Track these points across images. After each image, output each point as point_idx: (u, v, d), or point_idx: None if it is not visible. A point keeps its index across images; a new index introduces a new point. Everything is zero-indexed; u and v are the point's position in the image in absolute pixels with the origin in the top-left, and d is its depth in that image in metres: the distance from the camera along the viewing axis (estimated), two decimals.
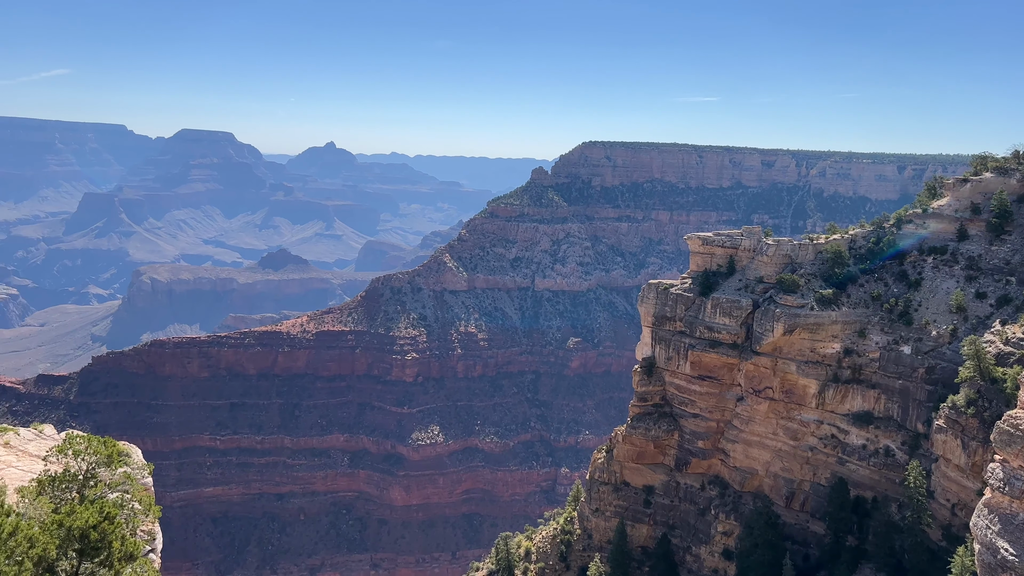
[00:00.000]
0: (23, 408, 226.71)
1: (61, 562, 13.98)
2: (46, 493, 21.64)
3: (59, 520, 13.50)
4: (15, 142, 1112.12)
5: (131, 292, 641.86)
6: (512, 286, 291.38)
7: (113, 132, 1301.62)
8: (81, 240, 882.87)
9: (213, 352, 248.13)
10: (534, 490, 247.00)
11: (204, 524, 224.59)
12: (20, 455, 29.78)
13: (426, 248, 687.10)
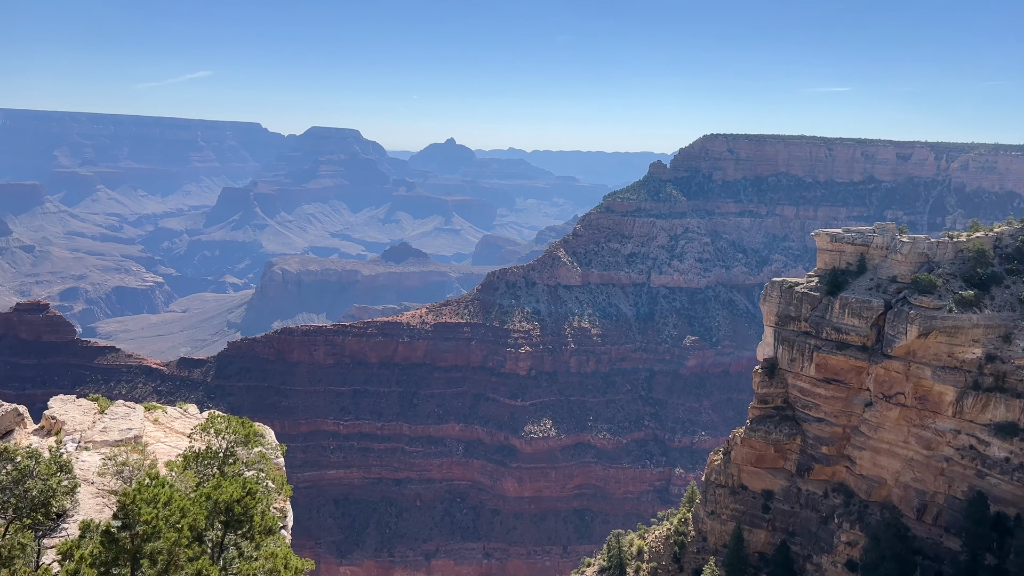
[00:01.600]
0: (166, 388, 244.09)
1: (208, 532, 15.11)
2: (191, 468, 23.41)
3: (207, 493, 14.64)
4: (163, 140, 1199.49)
5: (264, 282, 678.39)
6: (627, 282, 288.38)
7: (249, 130, 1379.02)
8: (219, 232, 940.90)
9: (338, 340, 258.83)
10: (647, 489, 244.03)
11: (327, 505, 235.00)
12: (168, 432, 32.26)
13: (541, 243, 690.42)
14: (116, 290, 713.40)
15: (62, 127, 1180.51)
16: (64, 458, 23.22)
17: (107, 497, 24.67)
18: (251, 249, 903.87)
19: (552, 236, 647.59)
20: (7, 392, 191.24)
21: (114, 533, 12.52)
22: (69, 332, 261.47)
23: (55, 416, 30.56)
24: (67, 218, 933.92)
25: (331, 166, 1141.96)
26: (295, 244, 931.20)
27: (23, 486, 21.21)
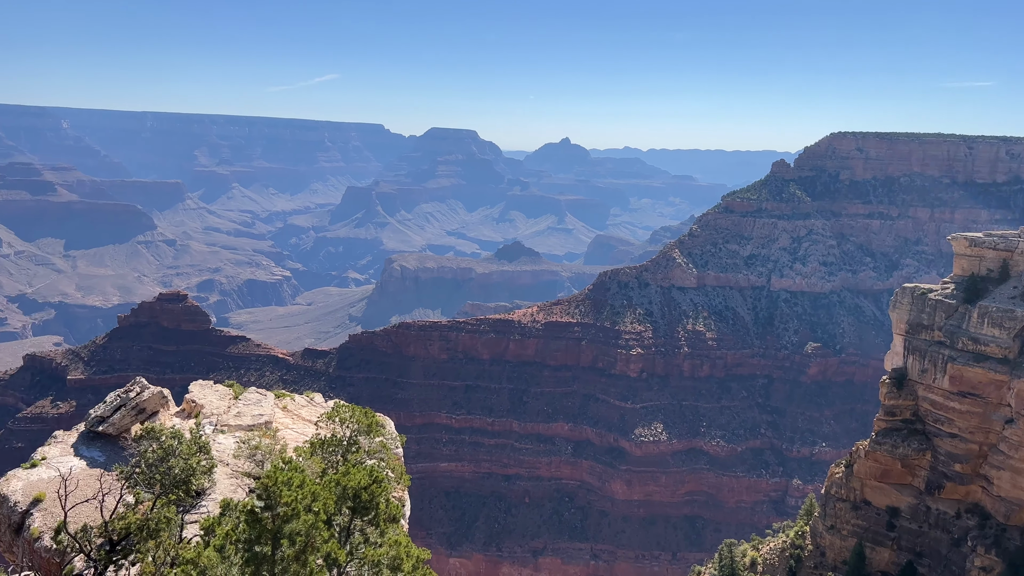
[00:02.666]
0: (291, 377, 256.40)
1: (336, 517, 15.91)
2: (317, 454, 24.65)
3: (336, 479, 15.42)
4: (293, 141, 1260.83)
5: (383, 278, 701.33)
6: (745, 285, 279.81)
7: (372, 131, 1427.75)
8: (343, 229, 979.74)
9: (452, 336, 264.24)
10: (762, 499, 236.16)
11: (438, 497, 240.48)
12: (295, 419, 34.01)
13: (655, 243, 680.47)
14: (247, 283, 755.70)
15: (202, 129, 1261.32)
16: (203, 440, 24.88)
17: (240, 478, 26.31)
18: (372, 246, 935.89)
19: (667, 236, 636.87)
20: (150, 375, 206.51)
21: (258, 513, 13.42)
22: (205, 321, 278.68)
23: (195, 400, 32.78)
24: (205, 214, 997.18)
25: (449, 166, 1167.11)
26: (413, 242, 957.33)
27: (167, 464, 22.93)
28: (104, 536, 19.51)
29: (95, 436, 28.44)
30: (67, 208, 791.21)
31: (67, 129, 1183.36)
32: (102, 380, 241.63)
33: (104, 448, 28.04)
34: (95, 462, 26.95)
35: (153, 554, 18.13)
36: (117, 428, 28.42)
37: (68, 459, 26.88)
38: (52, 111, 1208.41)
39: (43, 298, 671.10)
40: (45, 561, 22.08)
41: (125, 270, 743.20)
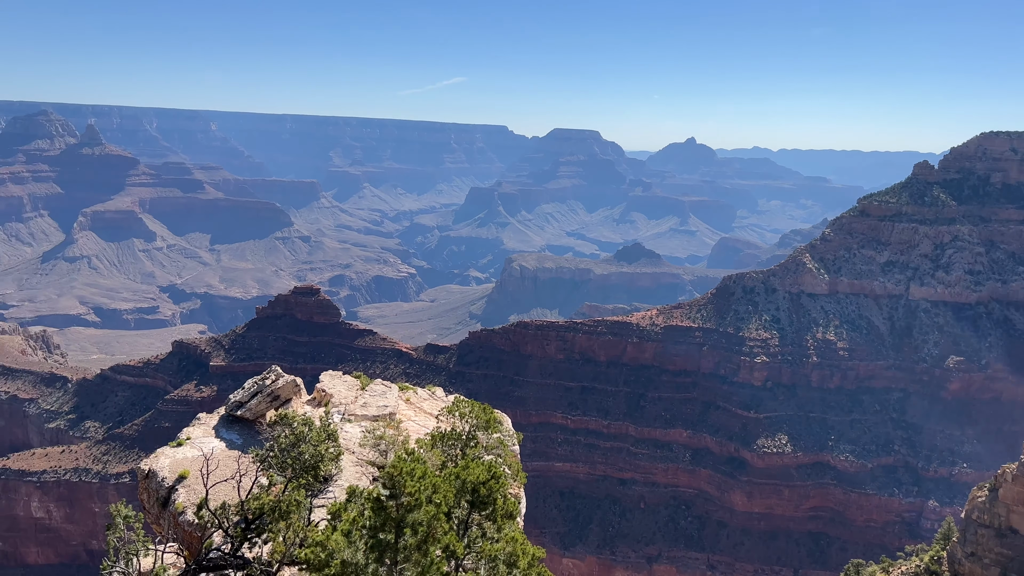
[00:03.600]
0: (414, 371, 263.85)
1: (456, 510, 16.24)
2: (438, 447, 25.24)
3: (456, 472, 15.77)
4: (421, 143, 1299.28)
5: (503, 277, 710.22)
6: (881, 293, 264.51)
7: (496, 132, 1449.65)
8: (466, 229, 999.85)
9: (569, 337, 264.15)
10: (893, 520, 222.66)
11: (552, 496, 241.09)
12: (417, 411, 34.95)
13: (784, 247, 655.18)
14: (375, 279, 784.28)
15: (337, 131, 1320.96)
16: (331, 428, 25.96)
17: (365, 467, 27.30)
18: (493, 245, 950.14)
19: (796, 240, 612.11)
20: (283, 364, 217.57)
21: (383, 501, 13.91)
22: (335, 315, 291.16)
23: (325, 389, 34.26)
24: (338, 212, 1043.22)
25: (570, 167, 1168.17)
26: (533, 242, 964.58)
27: (298, 449, 24.08)
28: (240, 514, 20.73)
29: (234, 420, 30.28)
30: (213, 205, 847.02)
31: (215, 131, 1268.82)
32: (241, 367, 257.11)
33: (241, 431, 29.82)
34: (233, 444, 28.70)
35: (283, 535, 19.10)
36: (253, 413, 30.15)
37: (210, 440, 28.75)
38: (202, 114, 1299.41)
39: (190, 289, 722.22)
40: (187, 534, 23.71)
41: (264, 264, 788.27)
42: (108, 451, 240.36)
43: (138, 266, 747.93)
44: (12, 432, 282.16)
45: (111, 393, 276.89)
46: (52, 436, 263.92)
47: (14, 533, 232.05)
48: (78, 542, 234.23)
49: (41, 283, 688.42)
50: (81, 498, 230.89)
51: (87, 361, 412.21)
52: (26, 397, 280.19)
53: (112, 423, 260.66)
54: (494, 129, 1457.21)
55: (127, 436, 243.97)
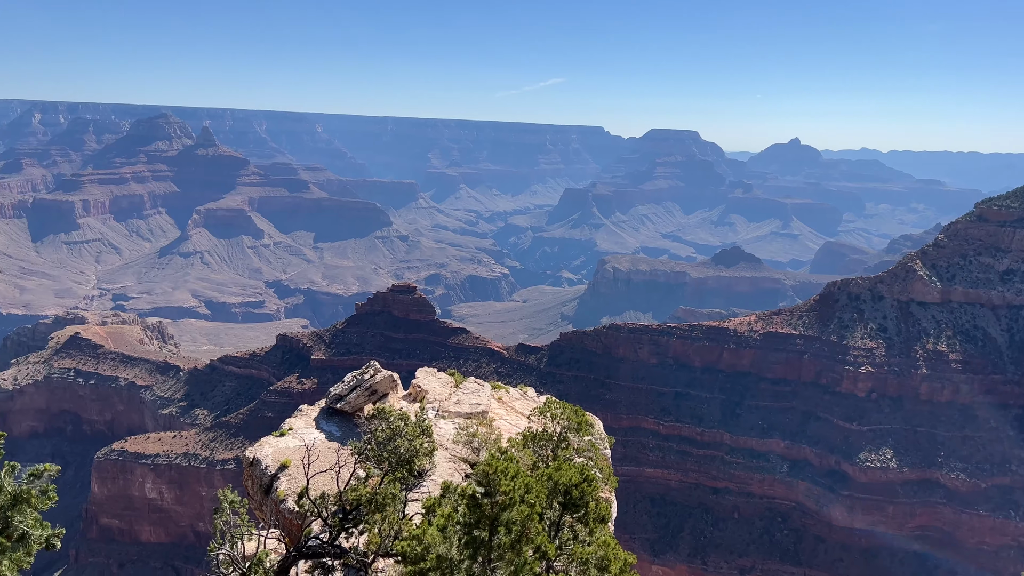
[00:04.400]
0: (505, 370, 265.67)
1: (547, 511, 16.24)
2: (529, 447, 25.33)
3: (548, 473, 15.77)
4: (516, 144, 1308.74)
5: (596, 279, 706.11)
6: (999, 303, 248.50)
7: (592, 133, 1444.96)
8: (559, 230, 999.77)
9: (662, 341, 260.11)
10: (1009, 544, 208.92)
11: (643, 502, 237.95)
12: (509, 410, 35.18)
13: (892, 253, 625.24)
14: (469, 278, 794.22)
15: (435, 133, 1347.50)
16: (426, 423, 26.44)
17: (458, 463, 27.69)
18: (586, 247, 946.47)
19: (907, 246, 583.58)
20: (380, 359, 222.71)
21: (478, 498, 14.07)
22: (430, 313, 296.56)
23: (420, 385, 34.94)
24: (435, 213, 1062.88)
25: (667, 167, 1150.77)
26: (627, 244, 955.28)
27: (394, 443, 24.64)
28: (338, 505, 21.39)
29: (333, 412, 31.30)
30: (317, 204, 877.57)
31: (320, 133, 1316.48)
32: (340, 361, 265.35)
33: (340, 424, 30.78)
34: (332, 436, 29.67)
35: (379, 526, 19.58)
36: (352, 406, 31.07)
37: (310, 431, 29.81)
38: (309, 116, 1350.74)
39: (295, 284, 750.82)
40: (288, 521, 24.64)
41: (363, 262, 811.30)
42: (215, 438, 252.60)
43: (246, 262, 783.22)
44: (130, 416, 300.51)
45: (219, 383, 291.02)
46: (165, 422, 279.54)
47: (130, 511, 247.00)
48: (186, 523, 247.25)
49: (158, 277, 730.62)
50: (190, 481, 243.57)
51: (198, 352, 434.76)
52: (143, 384, 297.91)
53: (219, 411, 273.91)
54: (590, 130, 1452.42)
55: (233, 424, 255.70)
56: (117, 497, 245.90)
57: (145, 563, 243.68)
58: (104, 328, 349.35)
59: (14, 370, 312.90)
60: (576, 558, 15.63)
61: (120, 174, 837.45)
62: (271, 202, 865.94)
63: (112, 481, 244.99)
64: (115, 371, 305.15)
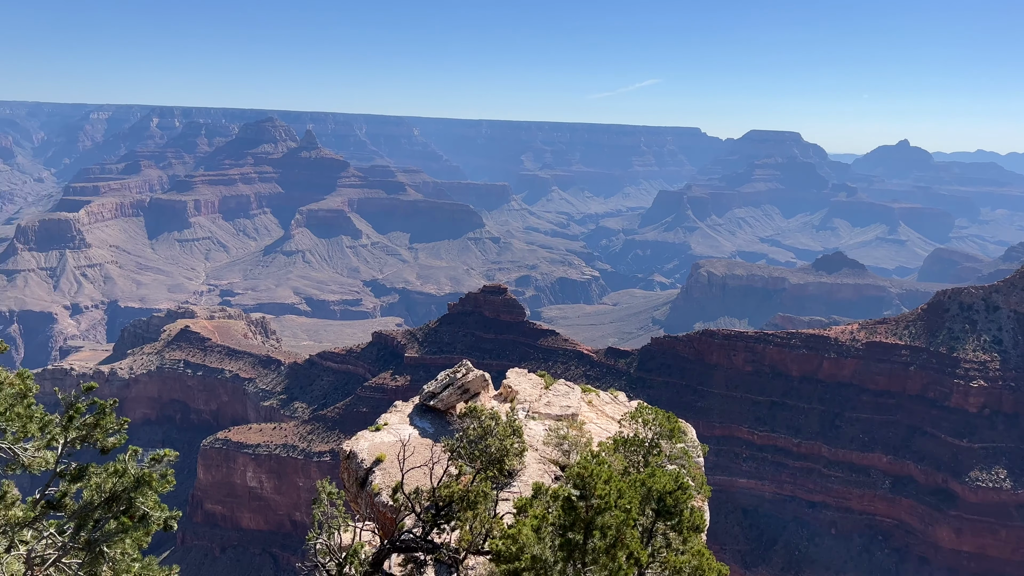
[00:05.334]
0: (594, 374, 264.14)
1: (640, 518, 16.07)
2: (620, 452, 25.11)
3: (641, 479, 15.61)
4: (609, 146, 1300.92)
5: (689, 283, 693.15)
6: None
7: (688, 135, 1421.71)
8: (652, 233, 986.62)
9: (758, 348, 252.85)
10: None
11: (735, 513, 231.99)
12: (599, 414, 34.96)
13: (1009, 261, 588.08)
14: (559, 280, 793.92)
15: (529, 135, 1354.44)
16: (516, 424, 26.61)
17: (547, 465, 27.73)
18: (680, 250, 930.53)
19: None
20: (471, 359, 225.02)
21: (573, 501, 14.09)
22: (520, 314, 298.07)
23: (511, 386, 35.17)
24: (526, 215, 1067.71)
25: (766, 170, 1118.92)
26: (723, 247, 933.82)
27: (485, 442, 24.91)
28: (431, 500, 21.80)
29: (427, 409, 31.92)
30: (413, 206, 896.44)
31: (417, 136, 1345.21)
32: (432, 359, 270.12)
33: (433, 421, 31.36)
34: (425, 432, 30.26)
35: (471, 524, 19.84)
36: (445, 404, 31.60)
37: (405, 427, 30.50)
38: (407, 120, 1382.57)
39: (390, 284, 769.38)
40: (382, 514, 25.27)
41: (456, 263, 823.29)
42: (312, 431, 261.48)
43: (345, 261, 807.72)
44: (234, 407, 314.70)
45: (317, 377, 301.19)
46: (266, 413, 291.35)
47: (232, 498, 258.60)
48: (284, 512, 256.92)
49: (262, 274, 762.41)
50: (288, 472, 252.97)
51: (298, 347, 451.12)
52: (246, 376, 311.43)
53: (317, 405, 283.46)
54: (686, 131, 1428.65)
55: (329, 418, 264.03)
56: (220, 484, 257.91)
57: (245, 548, 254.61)
58: (212, 322, 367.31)
59: (130, 360, 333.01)
60: (669, 566, 15.38)
61: (229, 175, 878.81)
62: (369, 203, 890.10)
63: (216, 469, 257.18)
64: (221, 363, 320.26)
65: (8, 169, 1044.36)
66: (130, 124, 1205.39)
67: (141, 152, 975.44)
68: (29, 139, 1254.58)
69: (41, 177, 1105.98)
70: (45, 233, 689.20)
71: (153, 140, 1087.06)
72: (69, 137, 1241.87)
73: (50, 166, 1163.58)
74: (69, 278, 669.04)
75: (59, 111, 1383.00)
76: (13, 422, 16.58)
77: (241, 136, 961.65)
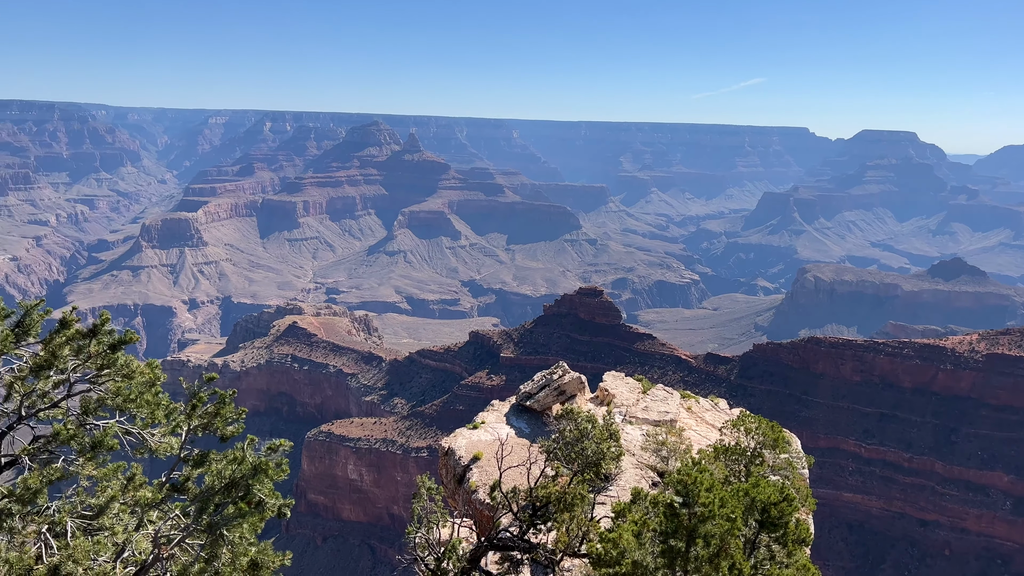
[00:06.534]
0: (692, 380, 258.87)
1: (743, 528, 15.70)
2: (720, 460, 24.58)
3: (744, 489, 15.27)
4: (712, 146, 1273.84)
5: (794, 288, 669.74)
6: None
7: (795, 135, 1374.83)
8: (756, 236, 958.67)
9: (868, 358, 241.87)
10: None
11: (839, 528, 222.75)
12: (699, 421, 34.35)
13: None
14: (657, 283, 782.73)
15: (628, 136, 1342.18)
16: (613, 427, 26.48)
17: (644, 470, 27.46)
18: (785, 254, 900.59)
19: None
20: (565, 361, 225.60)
21: (676, 508, 13.95)
22: (616, 317, 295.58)
23: (607, 389, 35.03)
24: (624, 217, 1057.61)
25: (879, 171, 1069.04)
26: (831, 252, 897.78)
27: (581, 444, 24.90)
28: (528, 500, 21.98)
29: (523, 409, 32.19)
30: (511, 208, 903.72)
31: (516, 139, 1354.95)
32: (527, 360, 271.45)
33: (529, 421, 31.61)
34: (522, 432, 30.52)
35: (567, 526, 19.90)
36: (541, 405, 31.79)
37: (501, 426, 30.85)
38: (507, 123, 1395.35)
39: (487, 284, 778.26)
40: (478, 512, 25.65)
41: (552, 264, 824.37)
42: (411, 426, 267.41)
43: (444, 262, 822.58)
44: (337, 401, 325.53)
45: (416, 374, 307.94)
46: (367, 408, 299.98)
47: (334, 490, 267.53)
48: (382, 505, 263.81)
49: (366, 273, 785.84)
50: (387, 466, 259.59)
51: (398, 344, 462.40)
52: (349, 372, 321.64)
53: (415, 401, 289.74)
54: (793, 131, 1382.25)
55: (427, 415, 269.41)
56: (323, 475, 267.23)
57: (345, 539, 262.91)
58: (317, 319, 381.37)
59: (241, 353, 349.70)
60: None
61: (336, 177, 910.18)
62: (468, 205, 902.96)
63: (319, 460, 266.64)
64: (326, 359, 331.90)
65: (135, 171, 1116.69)
66: (245, 128, 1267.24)
67: (254, 155, 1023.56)
68: (154, 143, 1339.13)
69: (164, 179, 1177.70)
70: (167, 232, 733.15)
71: (266, 144, 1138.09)
72: (190, 141, 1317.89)
73: (172, 168, 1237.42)
74: (187, 274, 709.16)
75: (181, 116, 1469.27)
76: (143, 409, 17.87)
77: (348, 139, 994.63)
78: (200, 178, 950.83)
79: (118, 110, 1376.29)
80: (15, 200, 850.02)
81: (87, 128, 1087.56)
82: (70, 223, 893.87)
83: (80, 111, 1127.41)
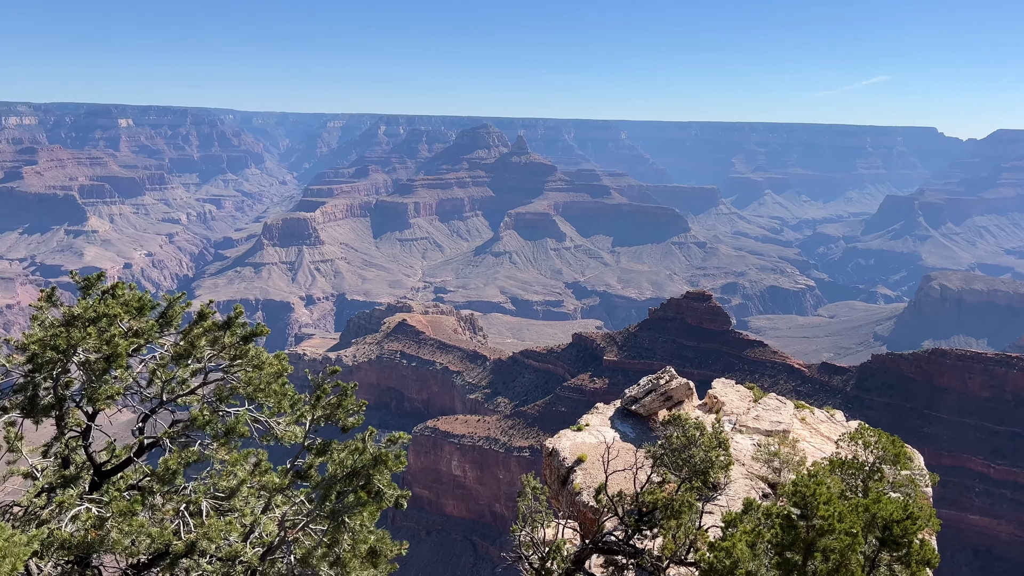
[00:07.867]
0: (805, 390, 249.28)
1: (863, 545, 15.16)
2: (836, 474, 23.69)
3: (864, 504, 14.70)
4: (831, 147, 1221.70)
5: (918, 296, 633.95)
6: None
7: (921, 135, 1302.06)
8: (876, 241, 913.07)
9: (999, 372, 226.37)
10: None
11: (962, 552, 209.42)
12: (813, 432, 33.17)
13: None
14: (769, 289, 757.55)
15: (741, 136, 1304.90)
16: (722, 436, 25.97)
17: (755, 480, 26.79)
18: (908, 260, 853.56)
19: None
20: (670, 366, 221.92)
21: (793, 520, 13.64)
22: (725, 322, 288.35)
23: (716, 396, 34.34)
24: (735, 219, 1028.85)
25: (1016, 173, 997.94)
26: (959, 259, 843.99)
27: (688, 452, 24.57)
28: (634, 505, 21.89)
29: (628, 413, 32.01)
30: (617, 209, 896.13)
31: (624, 140, 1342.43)
32: (631, 364, 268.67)
33: (634, 425, 31.40)
34: (626, 436, 30.37)
35: (674, 533, 19.71)
36: (647, 410, 31.53)
37: (606, 429, 30.80)
38: (615, 124, 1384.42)
39: (591, 286, 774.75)
40: (582, 514, 25.73)
41: (659, 267, 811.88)
42: (513, 426, 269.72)
43: (549, 263, 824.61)
44: (442, 398, 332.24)
45: (519, 374, 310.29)
46: (471, 406, 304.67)
47: (438, 485, 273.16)
48: (484, 502, 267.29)
49: (472, 273, 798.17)
50: (490, 464, 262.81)
51: (502, 344, 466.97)
52: (455, 369, 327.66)
53: (518, 401, 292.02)
54: (919, 131, 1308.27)
55: (529, 415, 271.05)
56: (428, 470, 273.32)
57: (447, 534, 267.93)
58: (426, 317, 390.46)
59: (354, 348, 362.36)
60: None
61: (445, 179, 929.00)
62: (574, 206, 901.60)
63: (425, 455, 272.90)
64: (433, 356, 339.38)
65: (259, 173, 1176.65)
66: (361, 132, 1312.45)
67: (369, 157, 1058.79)
68: (276, 146, 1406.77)
69: (285, 180, 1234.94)
70: (287, 231, 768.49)
71: (380, 146, 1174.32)
72: (309, 144, 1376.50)
73: (293, 170, 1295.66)
74: (305, 272, 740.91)
75: (301, 120, 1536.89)
76: (270, 398, 19.04)
77: (458, 142, 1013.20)
78: (318, 179, 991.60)
79: (244, 114, 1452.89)
80: (151, 199, 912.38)
81: (216, 132, 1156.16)
82: (199, 221, 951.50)
83: (210, 116, 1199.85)
